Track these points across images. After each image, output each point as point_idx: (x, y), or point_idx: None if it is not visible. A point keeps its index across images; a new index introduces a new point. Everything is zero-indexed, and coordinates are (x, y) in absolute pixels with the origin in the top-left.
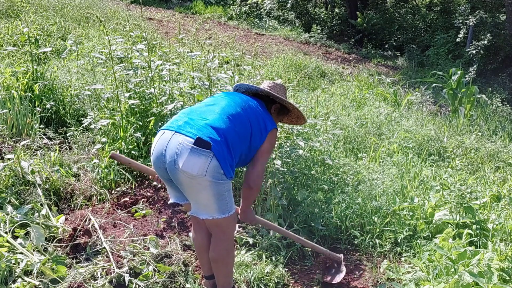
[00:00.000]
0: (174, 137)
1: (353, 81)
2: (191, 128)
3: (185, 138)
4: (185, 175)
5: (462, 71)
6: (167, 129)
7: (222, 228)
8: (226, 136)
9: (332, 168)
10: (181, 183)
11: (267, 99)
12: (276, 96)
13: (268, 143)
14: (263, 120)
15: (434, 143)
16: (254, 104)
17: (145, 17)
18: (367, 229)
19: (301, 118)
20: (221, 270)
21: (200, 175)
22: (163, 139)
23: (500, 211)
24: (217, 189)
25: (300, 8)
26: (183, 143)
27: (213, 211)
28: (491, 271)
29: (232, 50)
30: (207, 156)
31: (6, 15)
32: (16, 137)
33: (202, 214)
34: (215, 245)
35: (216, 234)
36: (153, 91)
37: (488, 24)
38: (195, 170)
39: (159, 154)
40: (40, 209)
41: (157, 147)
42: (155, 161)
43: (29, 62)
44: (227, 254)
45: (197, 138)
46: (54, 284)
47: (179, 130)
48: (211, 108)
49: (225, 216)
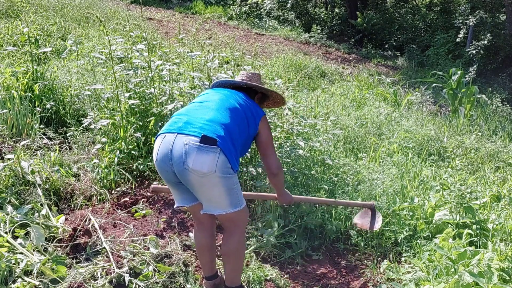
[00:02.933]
0: (178, 138)
1: (353, 81)
2: (193, 127)
3: (189, 137)
4: (195, 174)
5: (462, 71)
6: (167, 132)
7: (235, 222)
8: (229, 129)
9: (332, 168)
10: (192, 183)
11: (248, 90)
12: (258, 87)
13: (266, 130)
14: (255, 109)
15: (434, 143)
16: (242, 95)
17: (145, 17)
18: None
19: (280, 101)
20: (231, 264)
21: (210, 172)
22: (166, 142)
23: (500, 211)
24: (227, 183)
25: (300, 8)
26: (189, 143)
27: (226, 206)
28: (491, 271)
29: (232, 50)
30: (215, 152)
31: (6, 15)
32: (16, 137)
33: (216, 210)
34: (228, 238)
35: (228, 228)
36: (153, 91)
37: (488, 24)
38: (205, 168)
39: (165, 158)
40: (40, 209)
41: (161, 151)
42: (160, 165)
43: (29, 62)
44: (239, 248)
45: (202, 135)
46: (54, 284)
47: (181, 131)
48: (207, 105)
49: (238, 210)
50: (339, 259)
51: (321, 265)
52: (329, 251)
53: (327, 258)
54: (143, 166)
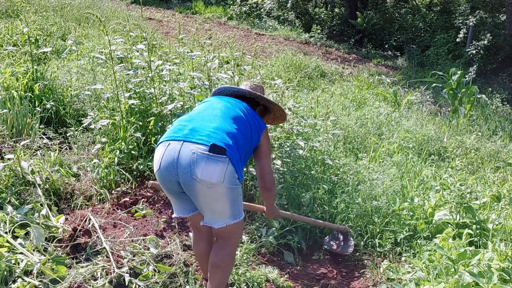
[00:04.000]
0: (184, 146)
1: (353, 81)
2: (200, 135)
3: (197, 146)
4: (203, 184)
5: (462, 71)
6: (172, 140)
7: (230, 234)
8: (235, 138)
9: (332, 168)
10: (197, 194)
11: (250, 101)
12: (261, 98)
13: (266, 142)
14: (257, 120)
15: (434, 143)
16: (245, 105)
17: (145, 17)
18: (367, 229)
19: (281, 117)
20: (219, 276)
21: (219, 182)
22: (171, 150)
23: (500, 211)
24: (233, 194)
25: (300, 8)
26: (196, 152)
27: (227, 217)
28: (491, 271)
29: (232, 50)
30: (224, 162)
31: (6, 15)
32: (16, 137)
33: (216, 223)
34: (219, 250)
35: (223, 239)
36: (153, 91)
37: (488, 24)
38: (215, 178)
39: (169, 167)
40: (40, 209)
41: (164, 159)
42: (163, 174)
43: (29, 62)
44: (229, 261)
45: (211, 144)
46: (54, 284)
47: (188, 138)
48: (212, 112)
49: (237, 221)
50: (339, 259)
51: (321, 265)
52: (329, 251)
53: (327, 258)
54: (143, 166)
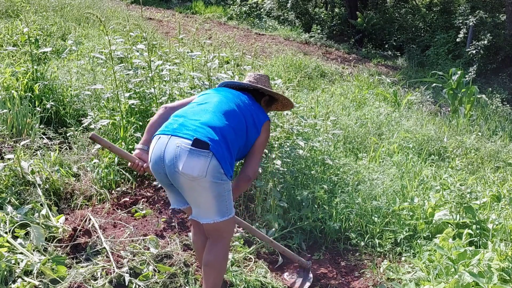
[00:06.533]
0: (171, 140)
1: (353, 81)
2: (187, 130)
3: (182, 140)
4: (185, 177)
5: (462, 71)
6: (162, 134)
7: (220, 232)
8: (224, 133)
9: (332, 168)
10: (182, 187)
11: (255, 92)
12: (264, 89)
13: (264, 135)
14: (256, 113)
15: (434, 143)
16: (245, 98)
17: (145, 17)
18: (367, 229)
19: (288, 105)
20: (212, 276)
21: (200, 176)
22: (160, 144)
23: (500, 211)
24: (218, 190)
25: (300, 8)
26: (180, 146)
27: (213, 214)
28: (491, 271)
29: (232, 50)
30: (206, 157)
31: (6, 15)
32: (16, 137)
33: (203, 219)
34: (211, 248)
35: (213, 238)
36: (153, 91)
37: (488, 24)
38: (196, 172)
39: (158, 160)
40: (40, 209)
41: (154, 152)
42: (153, 167)
43: (29, 62)
44: (222, 260)
45: (194, 139)
46: (54, 284)
47: (175, 133)
48: (204, 107)
49: (225, 219)
50: (339, 259)
51: (321, 265)
52: (329, 251)
53: (327, 258)
54: None
